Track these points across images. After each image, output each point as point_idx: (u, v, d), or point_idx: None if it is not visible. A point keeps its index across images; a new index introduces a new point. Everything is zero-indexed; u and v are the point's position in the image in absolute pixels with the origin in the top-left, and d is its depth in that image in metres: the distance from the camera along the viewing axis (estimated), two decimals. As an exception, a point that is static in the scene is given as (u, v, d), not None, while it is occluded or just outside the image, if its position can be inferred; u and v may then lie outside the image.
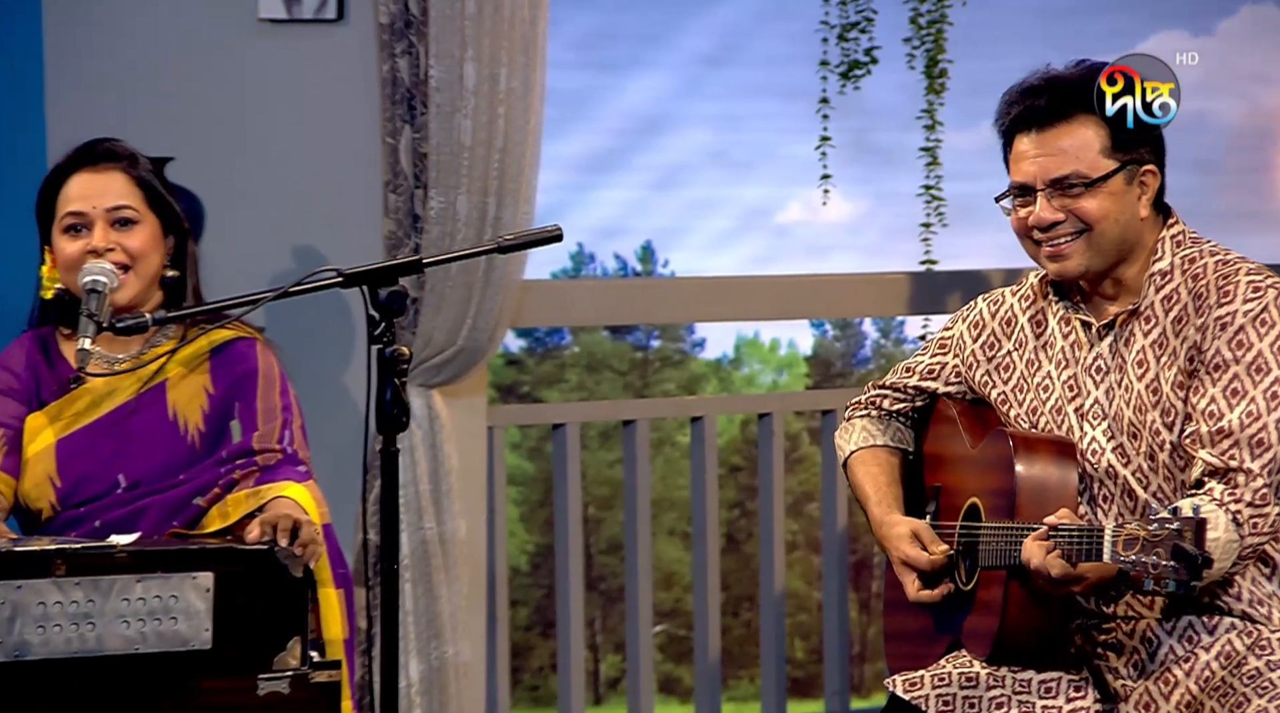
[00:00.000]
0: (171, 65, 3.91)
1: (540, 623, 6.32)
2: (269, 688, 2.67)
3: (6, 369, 2.95)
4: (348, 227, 3.98)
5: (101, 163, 2.95)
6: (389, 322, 2.72)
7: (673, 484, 6.55)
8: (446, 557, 3.99)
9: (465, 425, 4.07)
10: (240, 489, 2.87)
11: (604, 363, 6.72)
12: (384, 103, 3.95)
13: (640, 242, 6.22)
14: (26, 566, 2.54)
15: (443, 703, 3.99)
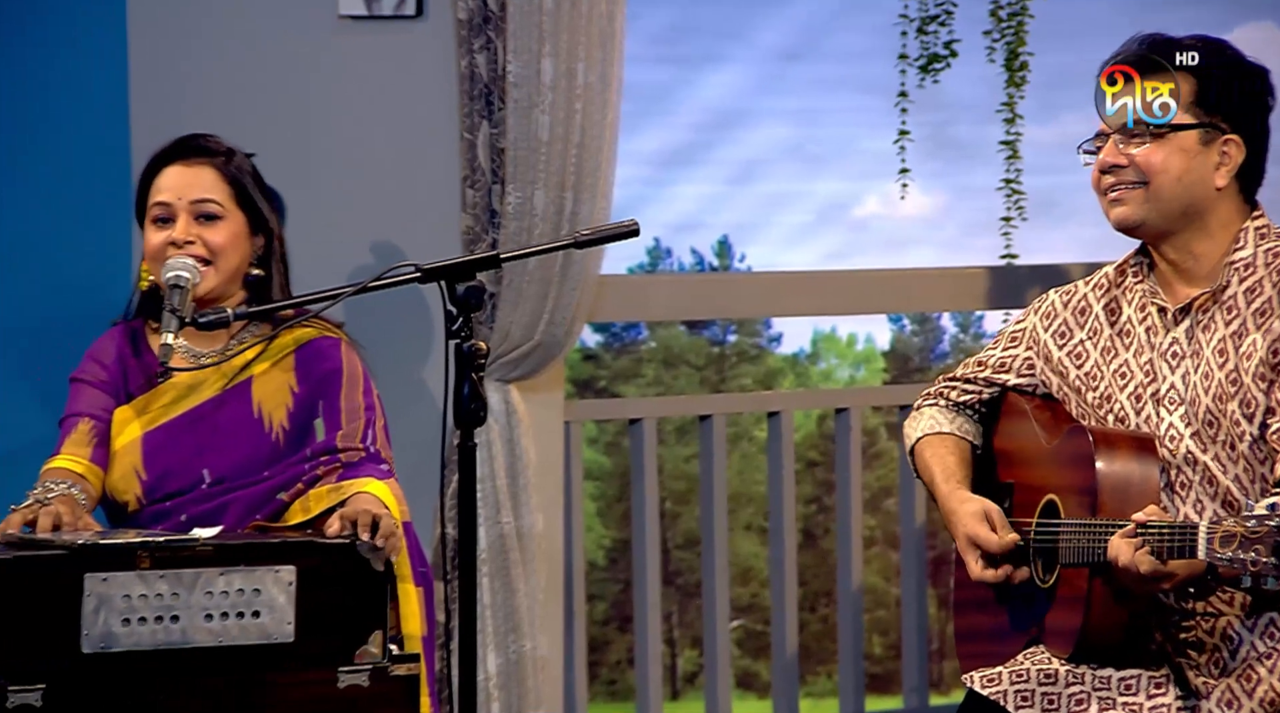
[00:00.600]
0: (253, 61, 3.94)
1: (617, 618, 6.33)
2: (349, 681, 2.69)
3: (96, 361, 2.99)
4: (426, 222, 4.00)
5: (193, 157, 2.98)
6: (467, 317, 2.73)
7: (749, 479, 6.53)
8: (524, 551, 4.00)
9: (542, 420, 4.08)
10: (323, 485, 2.89)
11: (680, 358, 6.71)
12: (462, 98, 3.97)
13: (717, 236, 6.22)
14: (112, 558, 2.57)
15: (520, 697, 4.00)
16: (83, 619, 2.54)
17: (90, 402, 2.95)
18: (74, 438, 2.93)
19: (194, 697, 2.60)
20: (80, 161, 3.70)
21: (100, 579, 2.55)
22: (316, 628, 2.67)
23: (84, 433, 2.92)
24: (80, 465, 2.90)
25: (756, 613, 6.42)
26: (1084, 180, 2.82)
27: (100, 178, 3.20)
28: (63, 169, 3.70)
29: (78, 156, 3.70)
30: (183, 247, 2.93)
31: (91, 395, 2.96)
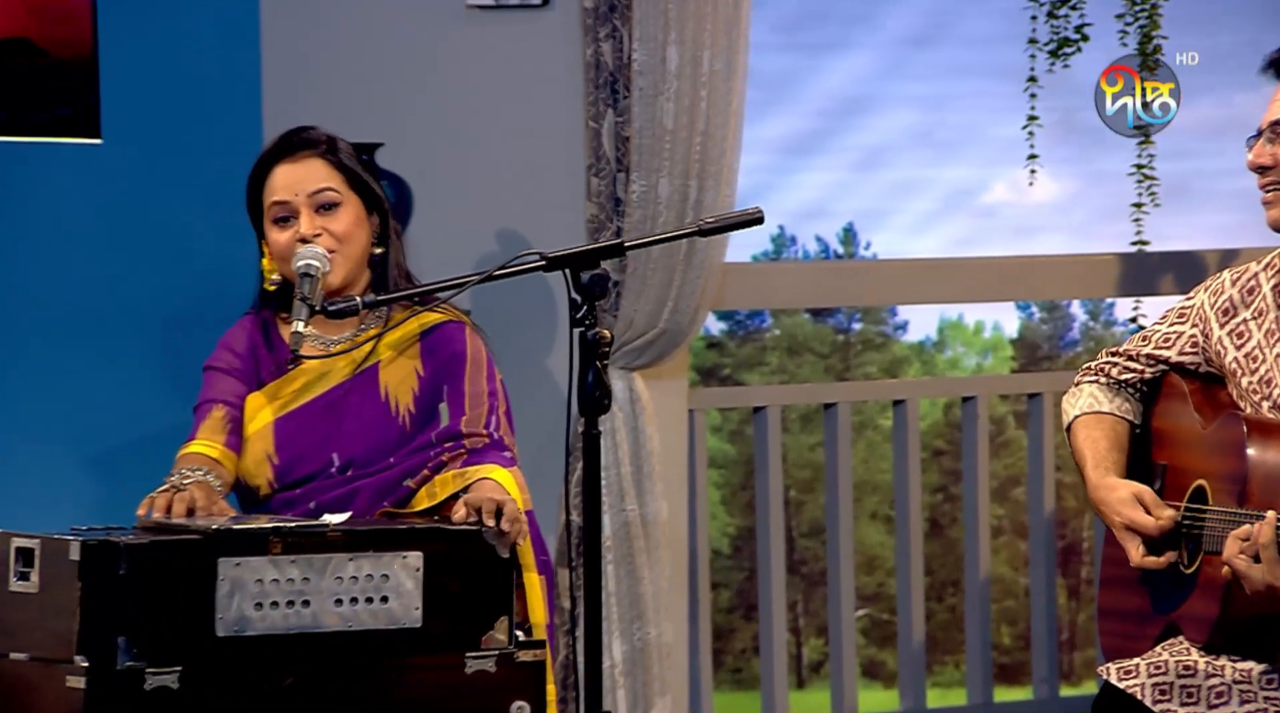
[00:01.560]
0: (382, 52, 3.98)
1: (742, 606, 6.32)
2: (476, 666, 2.71)
3: (229, 350, 3.03)
4: (551, 210, 4.02)
5: (299, 152, 3.00)
6: (591, 305, 2.73)
7: (875, 468, 6.49)
8: (648, 539, 4.01)
9: (666, 408, 4.09)
10: (448, 471, 2.92)
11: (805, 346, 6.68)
12: (587, 87, 3.98)
13: (842, 224, 6.17)
14: (245, 544, 2.61)
15: (646, 683, 4.01)
16: (217, 603, 2.58)
17: (224, 389, 3.00)
18: (208, 424, 2.97)
19: (325, 681, 2.63)
20: (213, 153, 3.76)
21: (234, 564, 2.59)
22: (444, 613, 2.70)
23: (218, 419, 2.97)
24: (214, 451, 2.95)
25: (882, 602, 6.38)
26: (1218, 166, 2.78)
27: (232, 169, 3.25)
28: (196, 161, 3.76)
29: (211, 148, 3.76)
30: (311, 240, 2.96)
31: (225, 382, 3.00)
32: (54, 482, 3.62)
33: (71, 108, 3.68)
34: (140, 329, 3.71)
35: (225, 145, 3.75)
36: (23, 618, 2.58)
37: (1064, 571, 5.88)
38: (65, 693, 2.50)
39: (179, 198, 3.74)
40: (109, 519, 2.85)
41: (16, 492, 3.59)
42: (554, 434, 3.82)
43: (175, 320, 3.70)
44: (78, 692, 2.49)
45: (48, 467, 3.63)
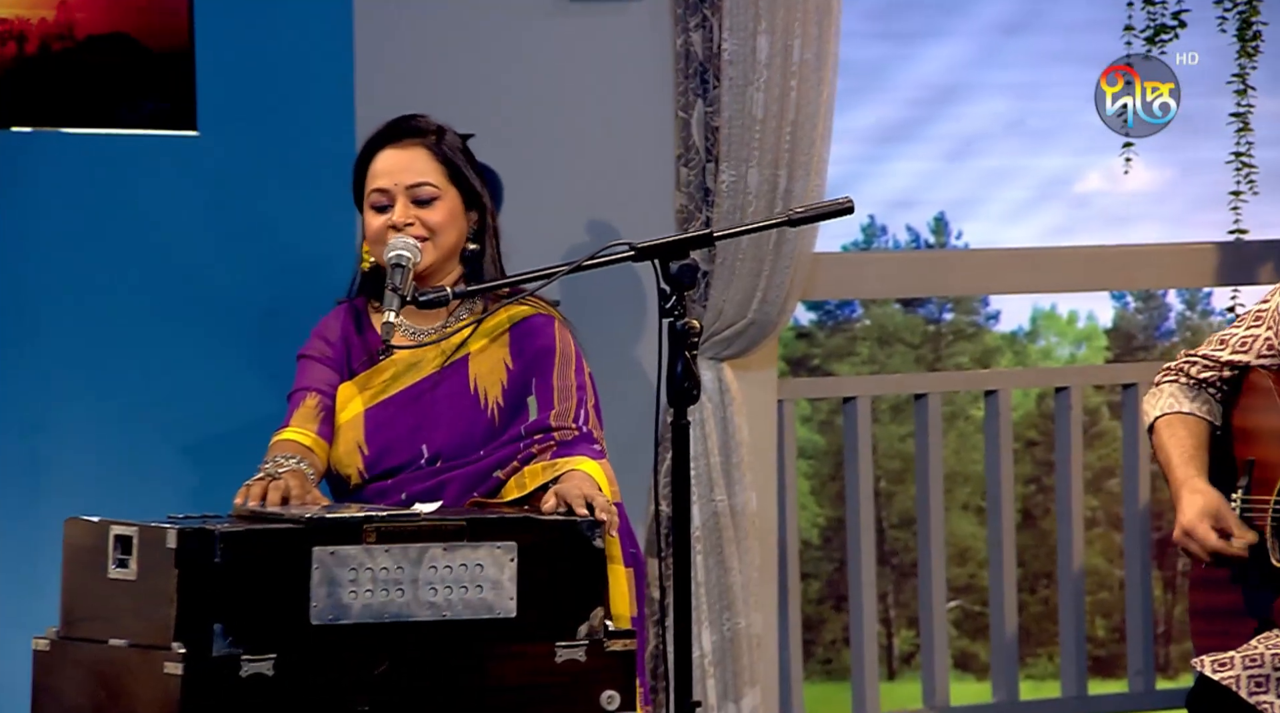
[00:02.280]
0: (473, 42, 4.00)
1: (832, 596, 6.30)
2: (567, 656, 2.72)
3: (322, 339, 3.06)
4: (640, 201, 4.02)
5: (405, 139, 3.02)
6: (680, 295, 2.74)
7: (966, 459, 6.45)
8: (738, 529, 4.01)
9: (756, 398, 4.08)
10: (537, 462, 2.92)
11: (895, 336, 6.64)
12: (677, 77, 3.98)
13: (933, 213, 6.13)
14: (339, 532, 2.63)
15: (735, 673, 4.01)
16: (311, 592, 2.60)
17: (317, 377, 3.02)
18: (301, 412, 3.00)
19: (416, 669, 2.65)
20: (307, 144, 3.79)
21: (328, 553, 2.61)
22: (536, 603, 2.71)
23: (311, 407, 2.99)
24: (307, 438, 2.97)
25: (974, 594, 6.35)
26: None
27: (326, 160, 3.28)
28: (290, 152, 3.79)
29: (305, 139, 3.79)
30: (402, 229, 2.99)
31: (318, 371, 3.03)
32: (152, 470, 3.67)
33: (169, 101, 3.73)
34: (236, 319, 3.75)
35: (319, 137, 3.78)
36: (122, 605, 2.62)
37: (1159, 563, 5.82)
38: (163, 679, 2.53)
39: (274, 189, 3.78)
40: (205, 507, 2.89)
41: (116, 480, 3.64)
42: (643, 425, 3.83)
43: (270, 310, 3.73)
44: (175, 678, 2.52)
45: (146, 455, 3.68)
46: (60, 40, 3.65)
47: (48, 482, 3.62)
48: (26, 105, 3.65)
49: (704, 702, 3.96)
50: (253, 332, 3.75)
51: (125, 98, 3.71)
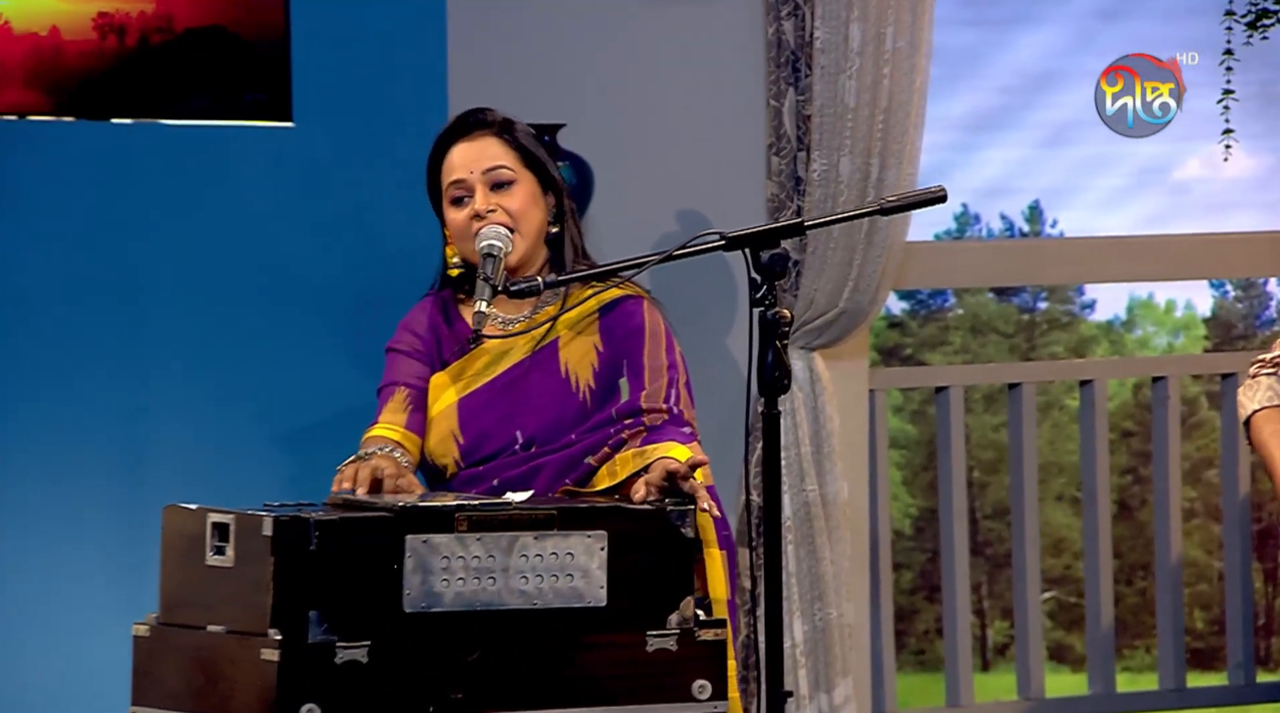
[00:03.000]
0: (566, 33, 4.01)
1: (925, 587, 6.27)
2: (658, 645, 2.72)
3: (411, 331, 3.08)
4: (731, 190, 4.02)
5: (474, 131, 3.03)
6: (770, 284, 2.73)
7: (1061, 449, 6.39)
8: (829, 519, 4.00)
9: (847, 388, 4.07)
10: (628, 449, 2.93)
11: (989, 325, 6.60)
12: (769, 66, 3.97)
13: (1028, 201, 6.08)
14: (431, 521, 2.65)
15: (828, 663, 4.00)
16: (404, 579, 2.62)
17: (406, 370, 3.04)
18: (391, 406, 3.02)
19: (508, 656, 2.67)
20: (400, 135, 3.81)
21: (421, 541, 2.63)
22: (626, 592, 2.71)
23: (401, 401, 3.01)
24: (397, 433, 2.99)
25: (1069, 585, 6.29)
26: None
27: (419, 151, 3.30)
28: (384, 143, 3.82)
29: (398, 131, 3.82)
30: (485, 217, 2.99)
31: (407, 364, 3.05)
32: (249, 458, 3.71)
33: (265, 93, 3.77)
34: (330, 309, 3.78)
35: (412, 128, 3.80)
36: (220, 592, 2.64)
37: (1259, 555, 5.74)
38: (260, 665, 2.56)
39: (367, 180, 3.81)
40: (301, 495, 2.92)
41: (214, 468, 3.69)
42: (734, 414, 3.82)
43: (363, 301, 3.76)
44: (272, 664, 2.55)
45: (243, 443, 3.72)
46: (159, 33, 3.70)
47: (147, 470, 3.68)
48: (127, 97, 3.70)
49: (795, 692, 3.95)
50: (347, 321, 3.78)
51: (222, 89, 3.75)
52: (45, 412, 3.64)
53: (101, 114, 3.70)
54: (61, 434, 3.64)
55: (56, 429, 3.64)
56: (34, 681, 3.59)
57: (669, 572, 2.74)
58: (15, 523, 3.61)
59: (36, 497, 3.62)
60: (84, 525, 3.63)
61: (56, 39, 3.64)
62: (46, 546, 3.62)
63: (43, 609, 3.61)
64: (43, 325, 3.65)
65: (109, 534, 3.64)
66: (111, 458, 3.66)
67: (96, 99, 3.68)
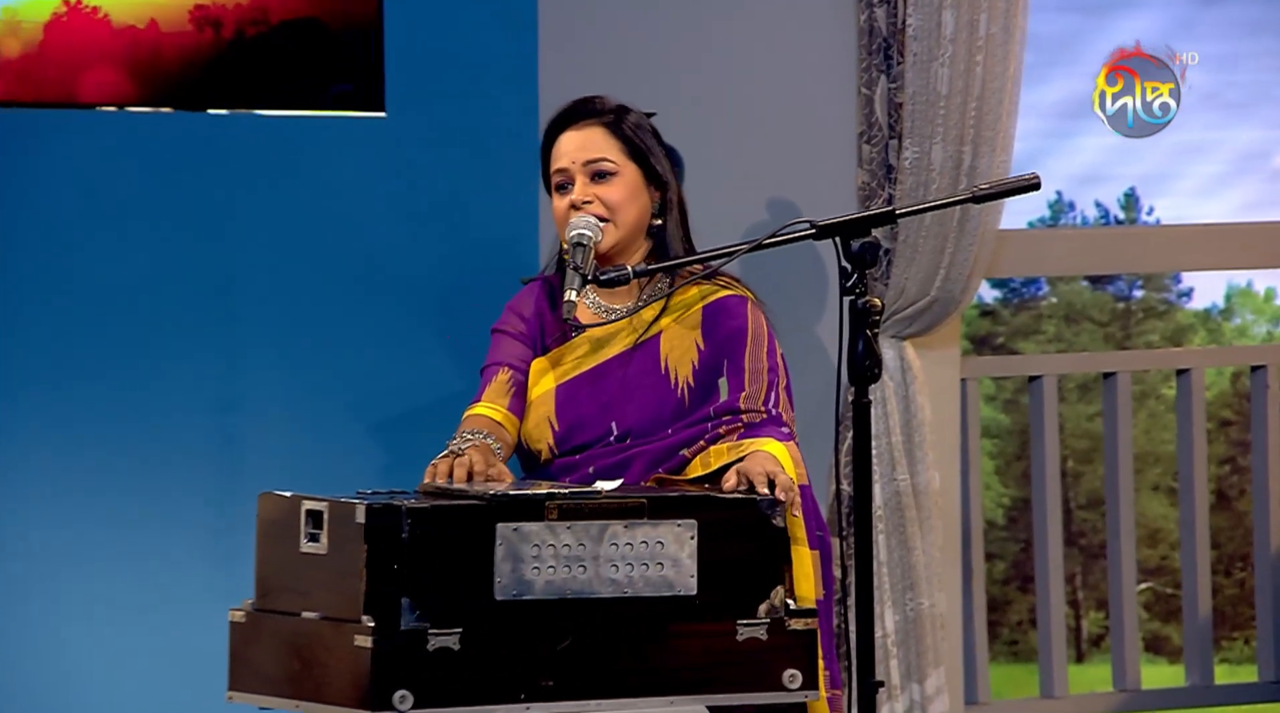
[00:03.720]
0: (656, 20, 4.01)
1: (1018, 577, 6.23)
2: (748, 634, 2.72)
3: (516, 314, 3.09)
4: (821, 178, 4.00)
5: (583, 120, 3.04)
6: (861, 273, 2.72)
7: (1157, 438, 6.33)
8: (920, 509, 3.98)
9: (938, 377, 4.05)
10: (723, 443, 2.93)
11: (1083, 314, 6.54)
12: (860, 53, 3.95)
13: (1124, 189, 6.02)
14: (522, 509, 2.66)
15: (919, 654, 3.98)
16: (495, 567, 2.63)
17: (509, 352, 3.05)
18: (493, 387, 3.03)
19: (598, 644, 2.67)
20: (491, 124, 3.83)
21: (511, 529, 2.64)
22: (717, 581, 2.71)
23: (502, 382, 3.03)
24: (498, 414, 3.01)
25: (1166, 576, 6.23)
26: None
27: (509, 140, 3.32)
28: (474, 132, 3.83)
29: (489, 120, 3.83)
30: (581, 207, 3.00)
31: (511, 346, 3.06)
32: (342, 447, 3.74)
33: (357, 83, 3.79)
34: (421, 299, 3.80)
35: (502, 117, 3.82)
36: (314, 578, 2.67)
37: (1362, 546, 5.66)
38: (354, 651, 2.58)
39: (457, 169, 3.83)
40: (393, 484, 2.94)
41: (307, 456, 3.72)
42: (824, 403, 3.81)
43: (454, 290, 3.78)
44: (365, 651, 2.57)
45: (336, 431, 3.75)
46: (254, 25, 3.73)
47: (242, 457, 3.72)
48: (222, 89, 3.74)
49: (886, 682, 3.94)
50: (438, 311, 3.80)
51: (316, 81, 3.78)
52: (143, 400, 3.69)
53: (198, 105, 3.74)
54: (159, 422, 3.68)
55: (154, 418, 3.68)
56: (134, 665, 3.64)
57: (759, 561, 2.74)
58: (115, 510, 3.66)
59: (135, 484, 3.67)
60: (182, 512, 3.68)
61: (154, 32, 3.69)
62: (145, 532, 3.67)
63: (142, 595, 3.66)
64: (139, 315, 3.69)
65: (206, 520, 3.68)
66: (207, 446, 3.71)
67: (193, 90, 3.72)
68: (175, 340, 3.70)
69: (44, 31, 3.64)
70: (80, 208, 3.67)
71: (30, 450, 3.63)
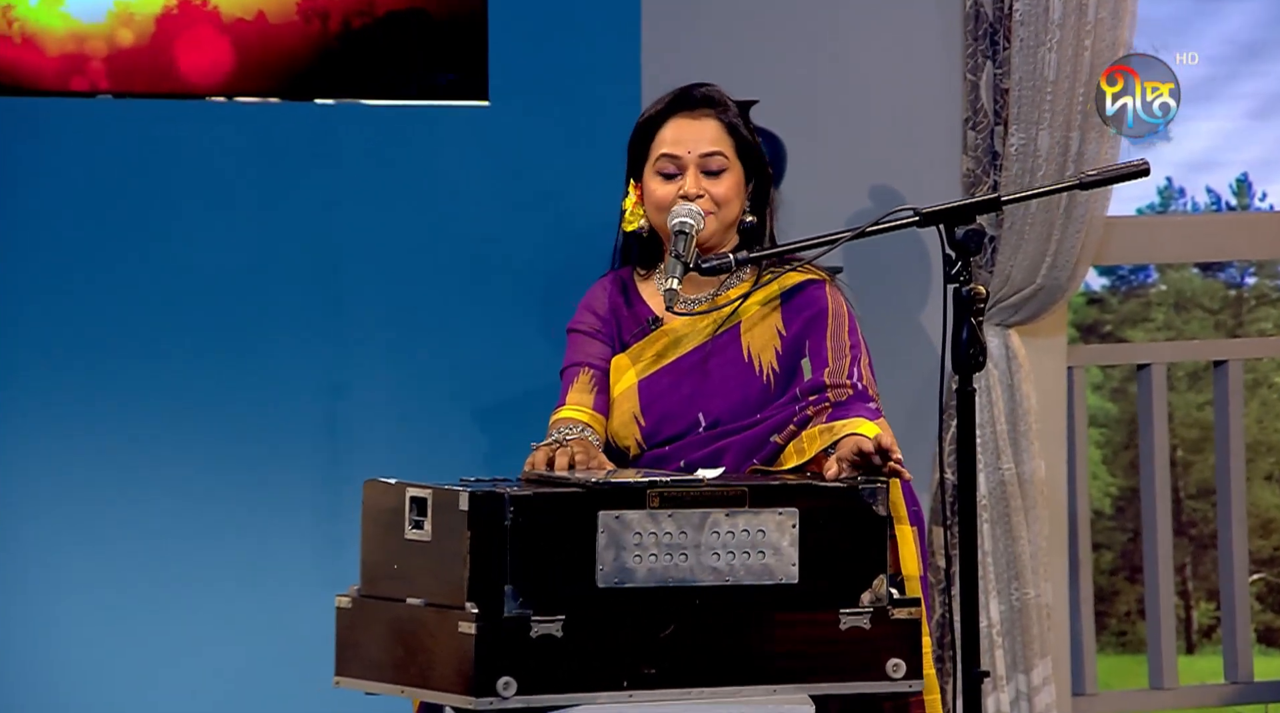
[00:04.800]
0: (758, 9, 4.00)
1: (1126, 568, 6.16)
2: (851, 623, 2.71)
3: (592, 311, 3.09)
4: (925, 165, 3.98)
5: (698, 109, 3.03)
6: (965, 260, 2.70)
7: (1269, 427, 6.23)
8: (1025, 498, 3.95)
9: (1044, 365, 4.01)
10: (814, 425, 2.91)
11: (1193, 301, 6.45)
12: (966, 39, 3.92)
13: (1235, 175, 5.92)
14: (624, 497, 2.67)
15: (1025, 644, 3.95)
16: (597, 555, 2.64)
17: (589, 351, 3.05)
18: (577, 386, 3.03)
19: (700, 633, 2.68)
20: (594, 113, 3.83)
21: (613, 517, 2.65)
22: (819, 570, 2.70)
23: (585, 382, 3.03)
24: (584, 414, 3.01)
25: (1278, 567, 6.14)
26: None
27: (612, 128, 3.31)
28: (577, 121, 3.84)
29: (592, 108, 3.84)
30: (693, 199, 3.00)
31: (589, 345, 3.06)
32: (445, 434, 3.77)
33: (461, 72, 3.82)
34: (525, 287, 3.82)
35: (605, 106, 3.82)
36: (418, 565, 2.69)
37: None
38: (458, 638, 2.60)
39: (560, 158, 3.84)
40: (496, 471, 2.96)
41: (412, 443, 3.75)
42: (928, 392, 3.79)
43: (558, 278, 3.79)
44: (469, 637, 2.59)
45: (440, 418, 3.78)
46: (360, 17, 3.77)
47: (347, 444, 3.75)
48: (329, 79, 3.78)
49: (992, 672, 3.91)
50: (541, 299, 3.81)
51: (420, 70, 3.81)
52: (251, 387, 3.73)
53: (305, 95, 3.78)
54: (267, 409, 3.72)
55: (262, 404, 3.73)
56: (241, 651, 3.69)
57: (861, 549, 2.73)
58: (222, 496, 3.71)
59: (242, 470, 3.72)
60: (289, 498, 3.72)
61: (263, 23, 3.73)
62: (253, 518, 3.72)
63: (249, 580, 3.70)
64: (247, 302, 3.74)
65: (312, 506, 3.72)
66: (313, 433, 3.74)
67: (300, 80, 3.76)
68: (282, 327, 3.74)
69: (155, 23, 3.70)
70: (190, 197, 3.72)
71: (141, 432, 3.68)
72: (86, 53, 3.67)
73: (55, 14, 3.66)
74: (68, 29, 3.66)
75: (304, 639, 3.41)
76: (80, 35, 3.66)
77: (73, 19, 3.65)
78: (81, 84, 3.67)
